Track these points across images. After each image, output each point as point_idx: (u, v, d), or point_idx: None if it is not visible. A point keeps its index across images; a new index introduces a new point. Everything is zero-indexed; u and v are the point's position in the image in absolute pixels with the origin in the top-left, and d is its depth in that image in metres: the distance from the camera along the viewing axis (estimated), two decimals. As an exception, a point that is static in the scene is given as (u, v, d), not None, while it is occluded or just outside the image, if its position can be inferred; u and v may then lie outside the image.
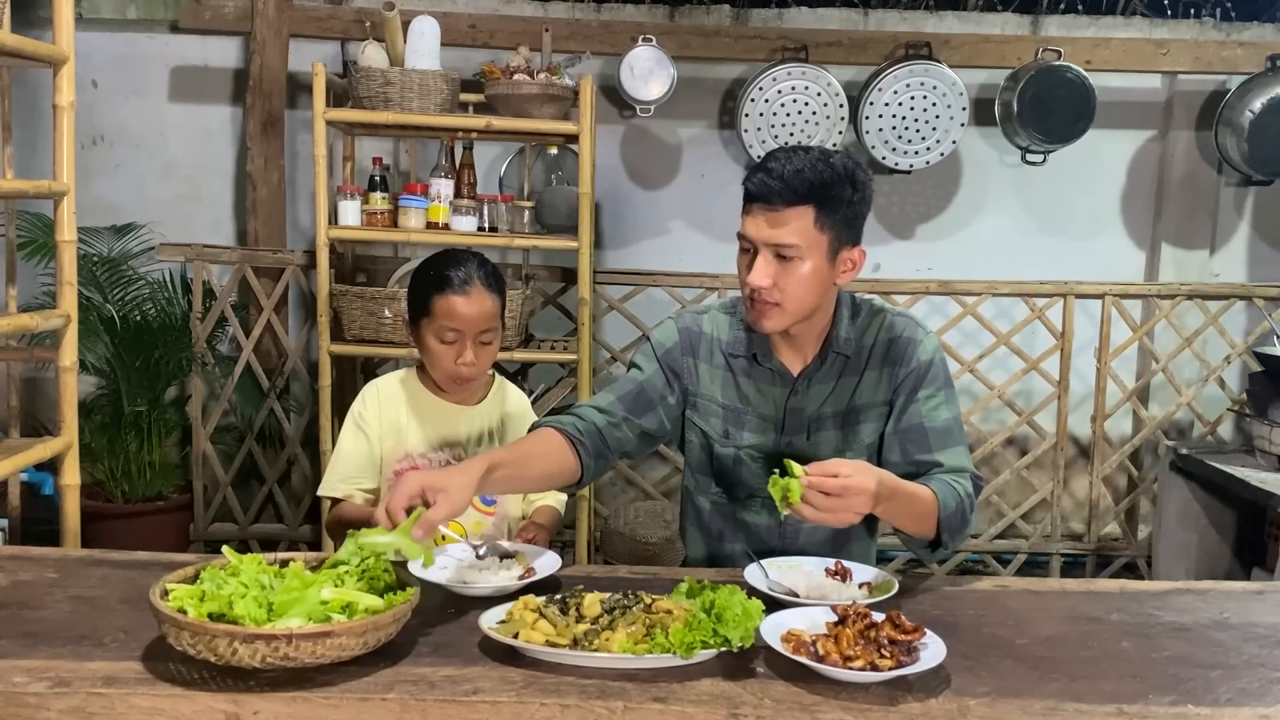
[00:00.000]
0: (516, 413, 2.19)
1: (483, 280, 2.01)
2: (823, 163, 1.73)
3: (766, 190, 1.73)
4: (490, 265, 2.07)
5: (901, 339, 1.88)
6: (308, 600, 1.36)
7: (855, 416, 1.89)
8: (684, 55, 4.07)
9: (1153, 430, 4.18)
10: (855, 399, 1.89)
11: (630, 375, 1.94)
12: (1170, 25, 4.29)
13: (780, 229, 1.73)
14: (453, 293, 1.99)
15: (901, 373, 1.87)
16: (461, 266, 2.02)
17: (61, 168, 2.54)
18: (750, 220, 1.77)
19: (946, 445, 1.84)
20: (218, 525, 4.06)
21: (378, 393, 2.12)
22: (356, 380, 4.08)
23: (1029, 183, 4.34)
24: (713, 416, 1.93)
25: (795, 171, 1.72)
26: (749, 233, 1.77)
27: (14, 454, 2.46)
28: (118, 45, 4.16)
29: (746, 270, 1.79)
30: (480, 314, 2.00)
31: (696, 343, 1.94)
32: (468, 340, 2.00)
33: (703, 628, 1.37)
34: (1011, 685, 1.38)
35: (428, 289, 2.01)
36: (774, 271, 1.75)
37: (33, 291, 3.71)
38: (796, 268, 1.75)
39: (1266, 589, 1.86)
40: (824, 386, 1.89)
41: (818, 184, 1.72)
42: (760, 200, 1.74)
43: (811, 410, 1.89)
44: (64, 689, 1.28)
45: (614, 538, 3.80)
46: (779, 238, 1.74)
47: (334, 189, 3.62)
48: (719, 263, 4.19)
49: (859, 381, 1.88)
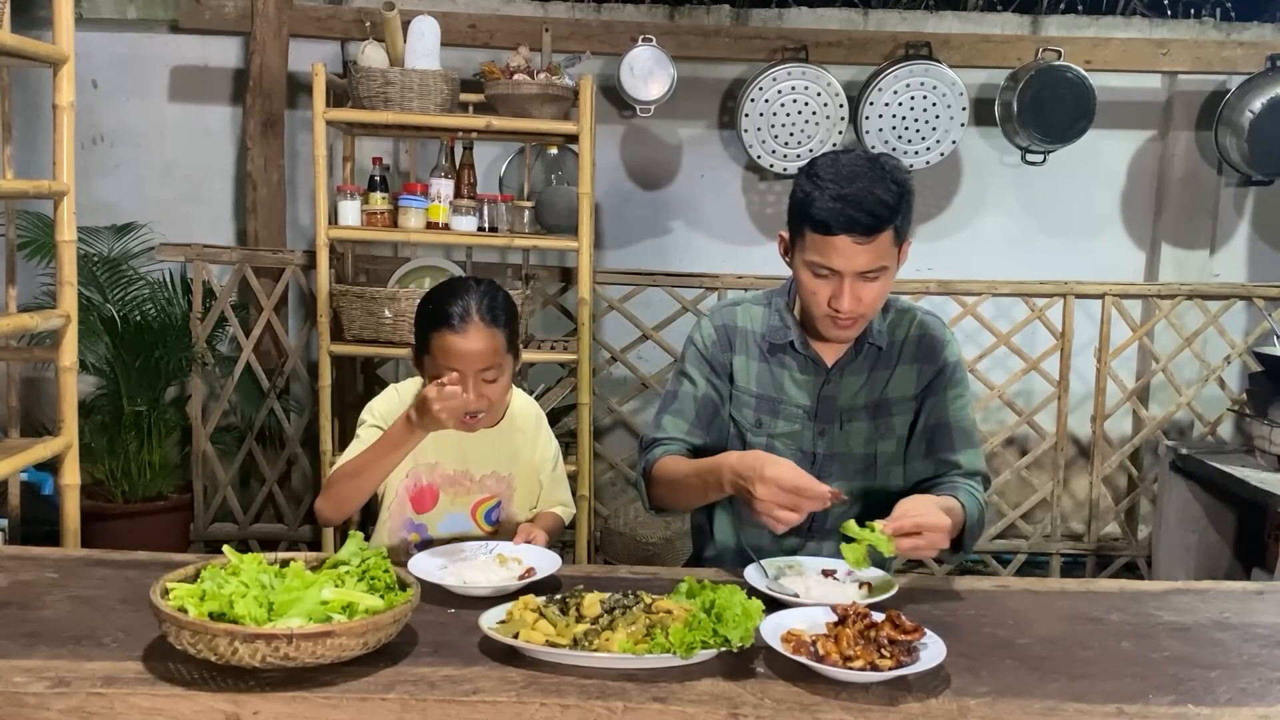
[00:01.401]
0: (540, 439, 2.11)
1: (483, 315, 1.88)
2: (890, 179, 1.75)
3: (850, 224, 1.73)
4: (496, 295, 1.94)
5: (931, 336, 1.95)
6: (308, 600, 1.36)
7: (887, 409, 1.94)
8: (684, 55, 4.07)
9: (1153, 430, 4.18)
10: (887, 391, 1.94)
11: (687, 391, 1.97)
12: (1170, 25, 4.29)
13: (870, 256, 1.76)
14: (449, 331, 1.86)
15: (930, 369, 1.94)
16: (460, 300, 1.88)
17: (61, 168, 2.54)
18: (833, 251, 1.76)
19: (967, 446, 1.93)
20: (218, 525, 4.06)
21: (400, 398, 2.04)
22: (356, 380, 4.08)
23: (1029, 183, 4.34)
24: (745, 407, 1.97)
25: (878, 201, 1.73)
26: (834, 264, 1.77)
27: (14, 454, 2.46)
28: (118, 45, 4.15)
29: (827, 294, 1.80)
30: (479, 352, 1.88)
31: (734, 337, 1.97)
32: (469, 380, 1.87)
33: (703, 628, 1.37)
34: (1011, 685, 1.38)
35: (426, 326, 1.91)
36: (859, 290, 1.79)
37: (33, 291, 3.71)
38: (878, 283, 1.80)
39: (1266, 589, 1.86)
40: (857, 378, 1.93)
41: (895, 206, 1.75)
42: (842, 233, 1.74)
43: (844, 400, 1.93)
44: (64, 689, 1.28)
45: (614, 538, 3.80)
46: (870, 264, 1.77)
47: (334, 189, 3.62)
48: (719, 263, 4.20)
49: (891, 375, 1.94)
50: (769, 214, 4.37)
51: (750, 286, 4.00)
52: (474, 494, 2.05)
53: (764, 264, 4.14)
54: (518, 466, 2.07)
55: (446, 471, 2.05)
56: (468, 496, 2.05)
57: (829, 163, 1.78)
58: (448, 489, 2.05)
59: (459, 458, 2.04)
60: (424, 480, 2.04)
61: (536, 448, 2.09)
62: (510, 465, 2.07)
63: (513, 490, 2.08)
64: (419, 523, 2.04)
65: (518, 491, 2.08)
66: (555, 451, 2.14)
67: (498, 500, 2.07)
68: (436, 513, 2.05)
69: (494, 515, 2.07)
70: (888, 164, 1.78)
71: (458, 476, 2.05)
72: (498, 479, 2.06)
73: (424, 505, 2.05)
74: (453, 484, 2.05)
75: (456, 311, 1.88)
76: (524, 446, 2.09)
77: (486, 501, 2.06)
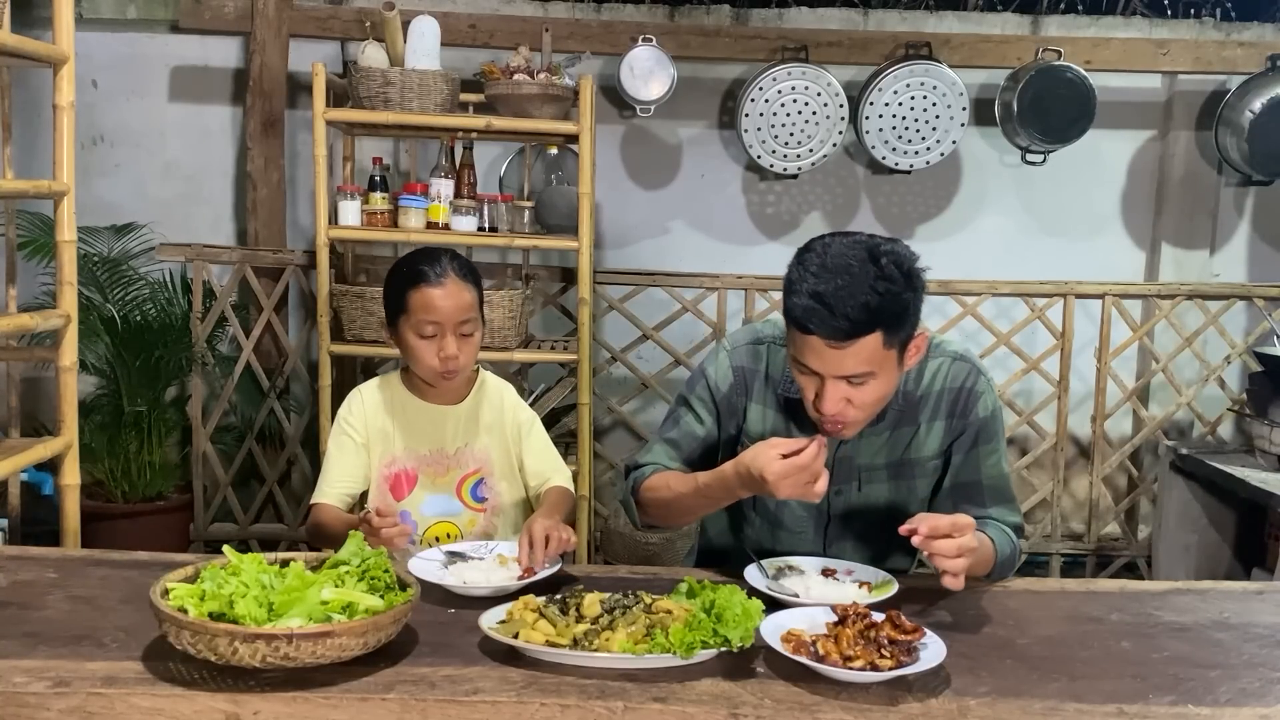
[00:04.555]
0: (507, 406, 2.14)
1: (457, 272, 1.99)
2: (878, 278, 1.55)
3: (824, 328, 1.55)
4: (463, 258, 2.06)
5: (963, 390, 1.80)
6: (308, 600, 1.36)
7: (910, 469, 1.83)
8: (684, 55, 4.07)
9: (1153, 430, 4.18)
10: (910, 451, 1.82)
11: (687, 425, 1.88)
12: (1170, 25, 4.29)
13: (847, 363, 1.58)
14: (428, 286, 1.96)
15: (959, 425, 1.81)
16: (433, 260, 2.00)
17: (61, 168, 2.54)
18: (810, 353, 1.59)
19: (999, 501, 1.83)
20: (218, 525, 4.06)
21: (361, 399, 2.10)
22: (356, 380, 4.07)
23: (1029, 183, 4.34)
24: None
25: (858, 305, 1.54)
26: (811, 365, 1.61)
27: (14, 454, 2.46)
28: (118, 45, 4.15)
29: (812, 392, 1.65)
30: (457, 305, 1.97)
31: (751, 381, 1.85)
32: (448, 333, 1.97)
33: (703, 628, 1.37)
34: (1011, 685, 1.38)
35: (403, 285, 1.99)
36: (845, 392, 1.62)
37: (33, 291, 3.71)
38: (868, 387, 1.63)
39: (1266, 589, 1.86)
40: (877, 438, 1.81)
41: (881, 310, 1.55)
42: (816, 335, 1.57)
43: (863, 460, 1.83)
44: (64, 689, 1.28)
45: (614, 538, 3.80)
46: (847, 370, 1.59)
47: (334, 189, 3.62)
48: (719, 263, 4.20)
49: (915, 432, 1.82)
50: (769, 214, 4.37)
51: (750, 287, 4.01)
52: (454, 471, 2.08)
53: (764, 264, 4.14)
54: (492, 438, 2.11)
55: (421, 453, 2.08)
56: (448, 475, 2.08)
57: (821, 248, 1.61)
58: (426, 470, 2.08)
59: (431, 437, 2.08)
60: (400, 466, 2.08)
61: (505, 415, 2.12)
62: (485, 436, 2.11)
63: (492, 463, 2.11)
64: (402, 510, 2.06)
65: (497, 464, 2.11)
66: (530, 416, 2.16)
67: (481, 476, 2.10)
68: (416, 496, 2.07)
69: (479, 492, 2.10)
70: (886, 257, 1.58)
71: (433, 456, 2.08)
72: (473, 452, 2.09)
73: (402, 491, 2.08)
74: (430, 464, 2.08)
75: (433, 269, 1.98)
76: (492, 417, 2.12)
77: (471, 476, 2.09)
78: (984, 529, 1.74)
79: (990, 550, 1.72)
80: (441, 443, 2.09)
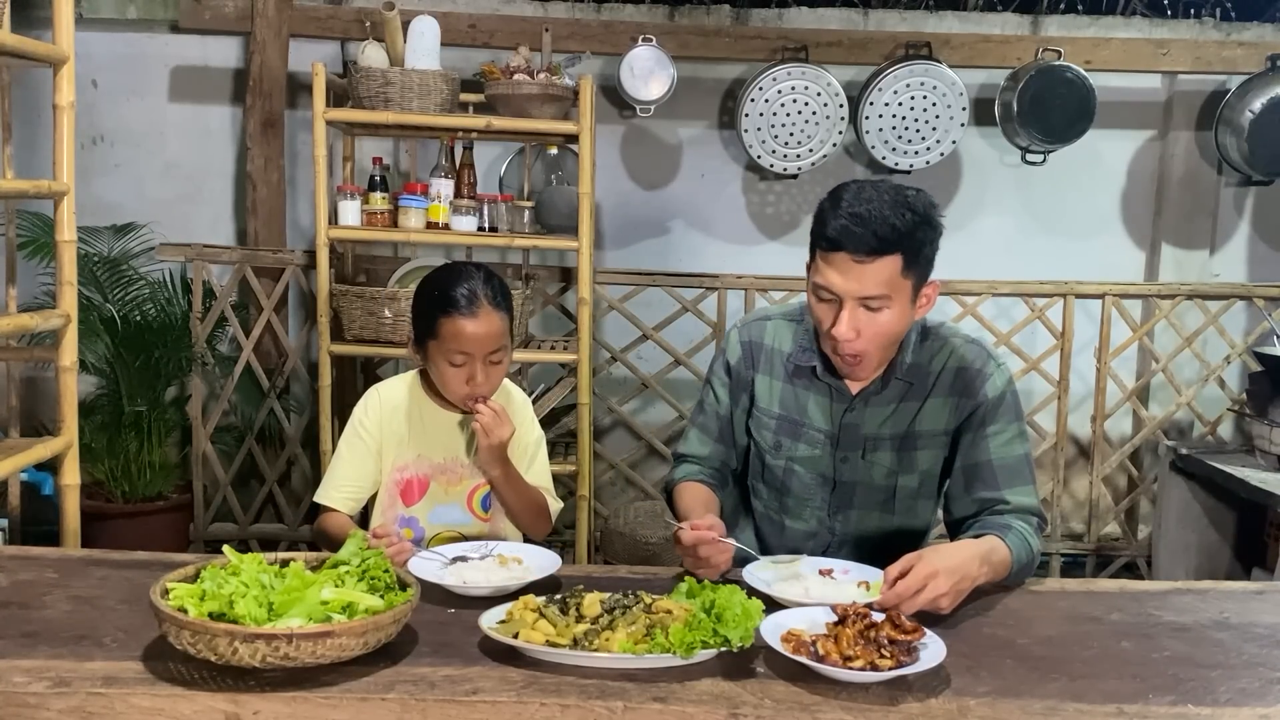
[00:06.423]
0: (523, 422, 2.11)
1: (489, 299, 1.92)
2: (905, 207, 1.68)
3: (853, 240, 1.66)
4: (497, 280, 1.97)
5: (970, 370, 1.86)
6: (308, 600, 1.36)
7: (913, 442, 1.88)
8: (684, 55, 4.07)
9: (1153, 430, 4.18)
10: (915, 424, 1.87)
11: (711, 405, 1.99)
12: (1170, 25, 4.29)
13: (868, 281, 1.68)
14: (460, 315, 1.89)
15: (967, 405, 1.85)
16: (466, 284, 1.92)
17: (61, 168, 2.54)
18: (833, 271, 1.69)
19: (1014, 483, 1.83)
20: (218, 525, 4.06)
21: (379, 400, 2.06)
22: (357, 380, 4.08)
23: (1029, 183, 4.34)
24: (765, 429, 1.93)
25: (883, 220, 1.65)
26: (833, 285, 1.70)
27: (14, 454, 2.46)
28: (118, 45, 4.15)
29: (829, 320, 1.73)
30: (489, 334, 1.91)
31: (758, 355, 1.94)
32: (477, 362, 1.92)
33: (703, 628, 1.37)
34: (1011, 685, 1.38)
35: (434, 310, 1.92)
36: (861, 320, 1.71)
37: (33, 291, 3.71)
38: (882, 315, 1.71)
39: (1266, 589, 1.86)
40: (882, 409, 1.87)
41: (905, 232, 1.67)
42: (844, 250, 1.67)
43: (868, 429, 1.87)
44: (64, 689, 1.28)
45: (614, 538, 3.80)
46: (867, 290, 1.68)
47: (334, 189, 3.62)
48: (719, 263, 4.20)
49: (921, 407, 1.87)
50: (769, 214, 4.37)
51: (750, 287, 4.01)
52: (467, 481, 2.06)
53: (764, 264, 4.14)
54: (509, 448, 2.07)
55: (435, 461, 2.05)
56: (460, 485, 2.06)
57: (855, 187, 1.73)
58: (439, 478, 2.05)
59: (446, 446, 2.06)
60: (412, 472, 2.05)
61: (520, 430, 2.08)
62: None
63: None
64: (409, 516, 2.05)
65: None
66: (539, 437, 2.14)
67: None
68: (425, 504, 2.05)
69: (488, 502, 2.08)
70: (912, 195, 1.71)
71: (448, 465, 2.06)
72: None
73: (412, 497, 2.05)
74: (443, 472, 2.05)
75: (465, 295, 1.91)
76: (519, 441, 2.09)
77: (482, 488, 2.07)
78: (1004, 535, 1.73)
79: (1006, 558, 1.71)
80: (457, 451, 2.05)
